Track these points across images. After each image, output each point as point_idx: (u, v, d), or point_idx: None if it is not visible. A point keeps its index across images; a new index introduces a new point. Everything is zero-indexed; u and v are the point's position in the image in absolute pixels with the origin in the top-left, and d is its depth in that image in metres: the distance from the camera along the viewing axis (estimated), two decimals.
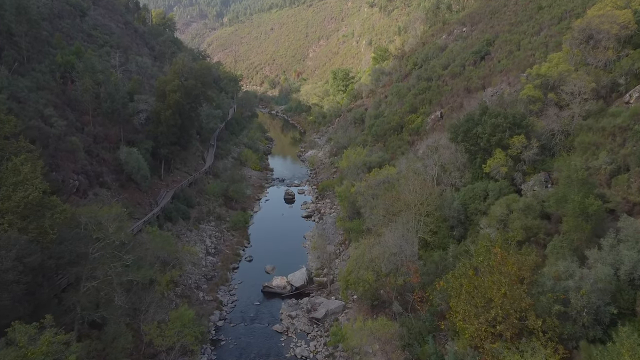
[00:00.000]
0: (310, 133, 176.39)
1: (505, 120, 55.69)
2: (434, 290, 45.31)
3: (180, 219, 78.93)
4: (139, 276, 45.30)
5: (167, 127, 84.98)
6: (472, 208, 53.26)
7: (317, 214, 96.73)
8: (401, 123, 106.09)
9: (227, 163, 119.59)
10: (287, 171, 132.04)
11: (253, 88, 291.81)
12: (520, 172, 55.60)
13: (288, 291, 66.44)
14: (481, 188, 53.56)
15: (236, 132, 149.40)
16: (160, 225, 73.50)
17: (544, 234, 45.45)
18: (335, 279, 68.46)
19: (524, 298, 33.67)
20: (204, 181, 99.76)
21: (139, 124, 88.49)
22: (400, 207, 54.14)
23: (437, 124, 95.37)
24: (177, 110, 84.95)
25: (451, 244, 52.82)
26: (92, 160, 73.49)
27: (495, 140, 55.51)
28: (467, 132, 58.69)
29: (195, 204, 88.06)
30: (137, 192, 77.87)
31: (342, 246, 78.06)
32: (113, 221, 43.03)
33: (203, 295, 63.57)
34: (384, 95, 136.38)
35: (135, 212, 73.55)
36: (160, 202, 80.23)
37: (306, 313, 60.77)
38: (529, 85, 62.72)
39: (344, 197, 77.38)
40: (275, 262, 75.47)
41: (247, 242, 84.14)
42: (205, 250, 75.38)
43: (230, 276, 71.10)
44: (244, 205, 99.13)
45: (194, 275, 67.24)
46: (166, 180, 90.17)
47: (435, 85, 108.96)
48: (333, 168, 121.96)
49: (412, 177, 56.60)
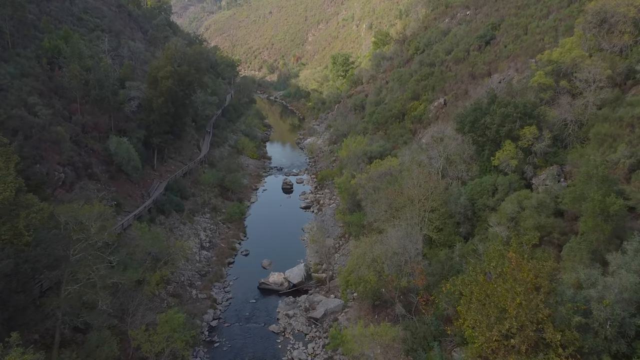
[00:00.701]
0: (309, 120, 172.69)
1: (515, 110, 52.33)
2: (440, 293, 42.39)
3: (173, 211, 75.87)
4: (125, 278, 42.27)
5: (160, 115, 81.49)
6: (480, 203, 50.19)
7: (316, 205, 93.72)
8: (403, 110, 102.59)
9: (223, 151, 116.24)
10: (286, 159, 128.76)
11: (251, 73, 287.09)
12: (530, 165, 52.43)
13: (285, 288, 63.64)
14: (489, 182, 50.42)
15: (233, 119, 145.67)
16: (152, 218, 70.50)
17: (558, 234, 42.42)
18: (335, 275, 65.63)
19: (542, 309, 30.70)
20: (199, 171, 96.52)
21: (130, 112, 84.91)
22: (403, 202, 51.04)
23: (440, 111, 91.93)
24: (169, 97, 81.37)
25: (457, 241, 49.85)
26: (80, 150, 70.15)
27: (505, 131, 52.22)
28: (475, 122, 55.36)
29: (189, 195, 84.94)
30: (128, 183, 74.66)
31: (342, 240, 75.14)
32: (95, 220, 39.92)
33: (196, 293, 60.74)
34: (385, 81, 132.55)
35: (125, 204, 70.49)
36: (152, 193, 77.09)
37: (304, 312, 58.02)
38: (540, 72, 59.24)
39: (344, 188, 74.30)
40: (272, 257, 72.61)
41: (243, 234, 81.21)
42: (200, 244, 72.47)
43: (225, 272, 68.25)
44: (240, 195, 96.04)
45: (187, 272, 64.36)
46: (159, 171, 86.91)
47: (439, 71, 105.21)
48: (332, 156, 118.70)
49: (416, 170, 53.38)
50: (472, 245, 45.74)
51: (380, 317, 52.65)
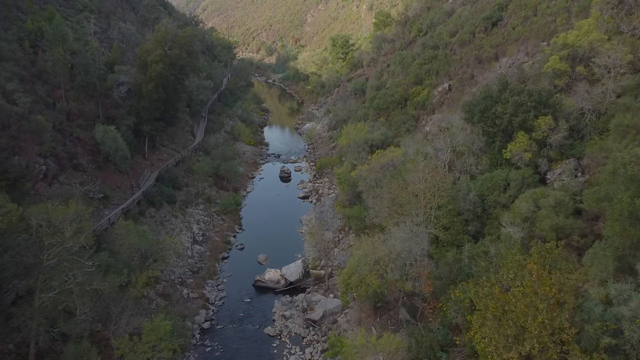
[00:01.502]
0: (308, 104, 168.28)
1: (529, 99, 48.40)
2: (449, 300, 38.98)
3: (164, 203, 72.20)
4: (106, 283, 38.76)
5: (150, 101, 77.36)
6: (491, 200, 46.55)
7: (315, 195, 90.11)
8: (405, 96, 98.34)
9: (219, 138, 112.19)
10: (284, 145, 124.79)
11: (249, 55, 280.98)
12: (545, 158, 48.70)
13: (282, 286, 60.36)
14: (501, 177, 46.71)
15: (230, 103, 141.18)
16: (142, 211, 66.90)
17: (578, 236, 38.87)
18: (334, 272, 62.32)
19: (566, 328, 27.27)
20: (193, 159, 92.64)
21: (119, 98, 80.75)
22: (407, 198, 47.38)
23: (445, 97, 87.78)
24: (160, 83, 77.14)
25: (466, 241, 46.32)
26: (64, 140, 66.27)
27: (518, 122, 48.34)
28: (485, 112, 51.43)
29: (182, 185, 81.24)
30: (117, 174, 70.91)
31: (342, 233, 71.69)
32: (71, 222, 36.25)
33: (188, 292, 57.43)
34: (386, 64, 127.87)
35: (114, 196, 66.87)
36: (142, 184, 73.38)
37: (301, 313, 54.79)
38: (554, 57, 55.11)
39: (343, 179, 70.60)
40: (268, 251, 69.22)
41: (238, 227, 77.71)
42: (192, 238, 68.97)
43: (218, 268, 64.88)
44: (236, 185, 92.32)
45: (179, 269, 60.98)
46: (151, 160, 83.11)
47: (443, 54, 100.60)
48: (332, 143, 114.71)
49: (421, 163, 49.64)
50: (483, 247, 42.20)
51: (382, 320, 49.47)
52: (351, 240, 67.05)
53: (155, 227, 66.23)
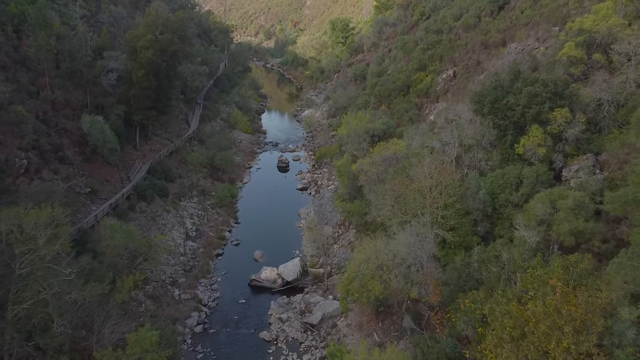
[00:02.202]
0: (307, 89, 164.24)
1: (544, 89, 44.85)
2: (458, 310, 35.94)
3: (156, 196, 68.91)
4: (86, 293, 35.66)
5: (140, 89, 73.61)
6: (502, 199, 43.29)
7: (314, 186, 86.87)
8: (408, 82, 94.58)
9: (214, 126, 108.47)
10: (282, 133, 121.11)
11: (247, 39, 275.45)
12: (560, 153, 45.31)
13: (278, 286, 57.41)
14: (513, 174, 43.38)
15: (226, 89, 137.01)
16: (132, 206, 63.68)
17: (599, 241, 35.69)
18: (333, 271, 59.36)
19: (595, 355, 24.21)
20: (187, 149, 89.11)
21: (109, 86, 77.05)
22: (412, 197, 44.14)
23: (449, 84, 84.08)
24: (151, 70, 73.30)
25: (475, 243, 43.19)
26: (49, 131, 62.78)
27: (532, 114, 44.87)
28: (495, 103, 47.91)
29: (175, 177, 77.88)
30: (106, 166, 67.47)
31: (342, 228, 68.60)
32: (45, 228, 33.01)
33: (179, 293, 54.46)
34: (388, 49, 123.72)
35: (102, 190, 63.53)
36: (133, 177, 70.03)
37: (299, 316, 51.89)
38: (570, 43, 51.44)
39: (343, 172, 67.28)
40: (265, 247, 66.17)
41: (234, 221, 74.54)
42: (185, 233, 65.81)
43: (212, 266, 61.85)
44: (232, 175, 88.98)
45: (170, 267, 57.94)
46: (142, 150, 79.57)
47: (447, 39, 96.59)
48: (331, 131, 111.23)
49: (427, 158, 46.33)
50: (494, 251, 39.09)
51: (384, 325, 46.57)
52: (351, 236, 64.02)
53: (145, 223, 63.11)
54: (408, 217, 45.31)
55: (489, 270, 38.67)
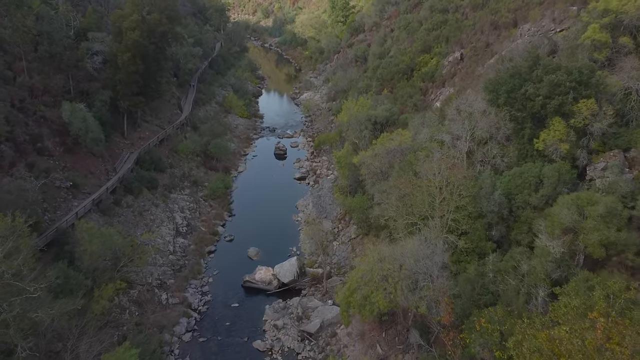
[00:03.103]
0: (306, 70, 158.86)
1: (568, 77, 40.25)
2: (473, 330, 31.98)
3: (144, 189, 64.60)
4: (55, 311, 31.66)
5: (127, 74, 68.75)
6: (520, 200, 39.05)
7: (312, 176, 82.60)
8: (411, 65, 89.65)
9: (209, 110, 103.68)
10: (279, 117, 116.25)
11: (244, 18, 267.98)
12: (584, 149, 40.94)
13: (274, 288, 53.58)
14: (532, 173, 39.06)
15: (222, 71, 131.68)
16: (118, 201, 59.45)
17: (633, 253, 31.60)
18: (333, 271, 55.49)
19: None
20: (179, 136, 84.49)
21: (93, 70, 72.24)
22: (420, 198, 39.91)
23: (456, 68, 79.20)
24: (137, 53, 68.35)
25: (489, 249, 39.10)
26: (27, 120, 58.40)
27: (554, 106, 40.36)
28: (512, 92, 43.32)
29: (166, 167, 73.49)
30: (89, 157, 63.08)
31: (342, 223, 64.55)
32: (3, 241, 28.83)
33: (167, 297, 50.59)
34: (390, 29, 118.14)
35: (85, 184, 59.25)
36: (119, 168, 65.69)
37: (296, 322, 48.12)
38: (594, 25, 46.66)
39: (344, 164, 62.91)
40: (260, 244, 62.18)
41: (228, 214, 70.43)
42: (175, 229, 61.72)
43: (204, 265, 57.94)
44: (226, 164, 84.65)
45: (158, 268, 53.98)
46: (131, 138, 75.04)
47: (453, 18, 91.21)
48: (331, 115, 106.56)
49: (437, 153, 42.00)
50: (512, 260, 35.02)
51: (389, 336, 42.82)
52: (352, 232, 59.98)
53: (132, 219, 58.99)
54: (415, 219, 41.15)
55: (506, 282, 34.69)
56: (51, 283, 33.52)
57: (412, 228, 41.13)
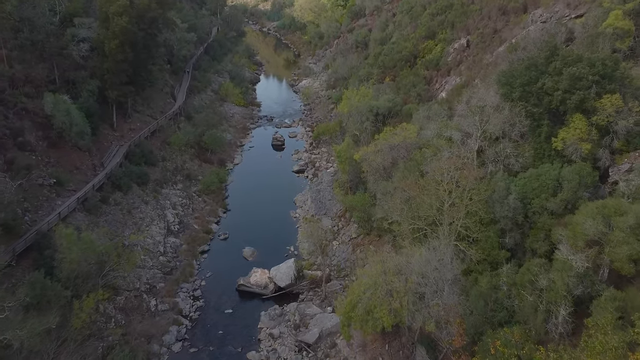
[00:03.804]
0: (305, 56, 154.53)
1: (590, 70, 36.73)
2: (487, 353, 28.98)
3: (134, 185, 61.29)
4: (25, 332, 28.58)
5: (115, 63, 65.03)
6: (536, 205, 35.80)
7: (311, 168, 79.25)
8: (415, 52, 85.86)
9: (204, 99, 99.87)
10: (277, 105, 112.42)
11: (242, 1, 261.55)
12: (607, 149, 37.57)
13: (270, 292, 50.61)
14: (551, 176, 35.74)
15: (218, 57, 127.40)
16: (105, 198, 56.22)
17: None
18: (332, 274, 52.51)
19: None
20: (172, 127, 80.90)
21: (80, 58, 68.26)
22: (429, 203, 36.66)
23: (462, 55, 75.43)
24: (126, 40, 64.53)
25: (503, 258, 35.98)
26: (7, 112, 54.97)
27: (575, 101, 36.90)
28: (528, 86, 39.79)
29: (157, 160, 70.13)
30: (75, 152, 59.64)
31: (342, 220, 61.41)
32: None
33: (156, 304, 47.55)
34: (392, 13, 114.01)
35: (71, 181, 55.99)
36: (107, 163, 62.33)
37: (293, 331, 45.22)
38: (616, 12, 43.03)
39: (344, 159, 59.57)
40: (256, 243, 59.09)
41: (222, 210, 67.24)
42: (166, 228, 58.51)
43: (196, 266, 54.90)
44: (221, 156, 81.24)
45: (147, 271, 50.92)
46: (121, 130, 71.51)
47: (459, 3, 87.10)
48: (330, 104, 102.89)
49: (445, 152, 38.66)
50: (529, 274, 31.87)
51: (392, 349, 39.89)
52: (353, 231, 56.85)
53: (120, 218, 55.78)
54: (421, 225, 37.96)
55: (522, 297, 31.61)
56: (21, 301, 30.31)
57: (419, 234, 37.94)
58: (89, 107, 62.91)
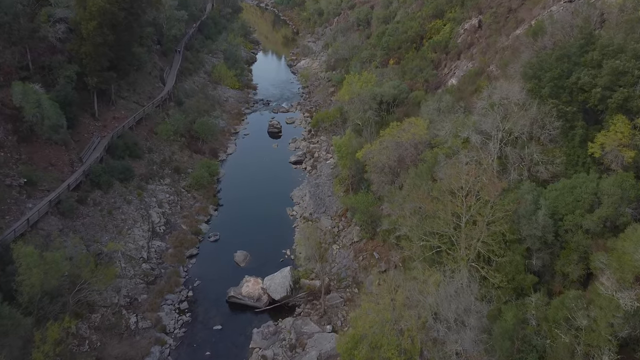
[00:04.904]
0: (304, 34, 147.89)
1: (637, 64, 31.20)
2: None
3: (115, 182, 56.11)
4: None
5: (94, 46, 59.25)
6: (569, 222, 30.74)
7: (310, 159, 73.97)
8: (421, 33, 79.93)
9: (196, 81, 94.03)
10: (274, 88, 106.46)
11: None
12: None
13: (263, 305, 45.92)
14: (588, 188, 30.56)
15: (212, 35, 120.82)
16: (82, 199, 51.20)
17: None
18: (332, 284, 47.77)
19: None
20: (161, 114, 75.28)
21: (57, 40, 62.44)
22: (445, 220, 31.57)
23: (473, 37, 69.50)
24: (105, 21, 58.73)
25: (529, 284, 31.08)
26: None
27: (617, 100, 31.49)
28: (560, 80, 34.27)
29: (143, 152, 64.84)
30: (50, 146, 54.26)
31: (342, 220, 56.44)
32: None
33: (137, 320, 42.81)
34: None
35: (44, 179, 50.91)
36: (87, 157, 57.05)
37: (288, 352, 40.62)
38: None
39: (345, 154, 54.35)
40: (249, 245, 54.21)
41: (213, 207, 62.18)
42: (150, 230, 53.47)
43: (183, 273, 50.04)
44: (214, 145, 75.93)
45: (127, 281, 46.09)
46: (104, 119, 65.98)
47: None
48: (330, 86, 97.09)
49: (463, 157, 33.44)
50: (563, 309, 26.96)
51: None
52: (355, 235, 51.92)
53: (100, 220, 50.78)
54: (435, 242, 32.94)
55: (555, 336, 26.78)
56: None
57: (431, 253, 32.95)
58: (66, 95, 57.44)
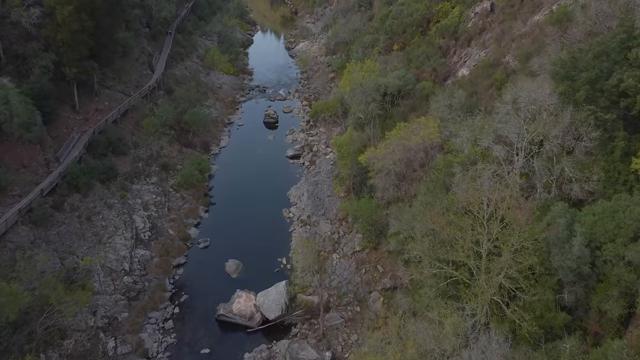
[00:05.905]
0: (303, 14, 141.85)
1: None
2: None
3: (96, 183, 51.51)
4: None
5: (70, 33, 54.06)
6: (610, 253, 26.23)
7: (308, 153, 69.15)
8: (428, 16, 74.31)
9: (188, 67, 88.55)
10: (271, 73, 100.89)
11: None
12: None
13: (256, 324, 41.75)
14: (633, 213, 25.96)
15: (206, 16, 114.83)
16: (58, 204, 46.75)
17: None
18: (332, 300, 43.55)
19: None
20: (149, 104, 70.20)
21: (32, 26, 57.11)
22: (461, 246, 27.09)
23: (485, 21, 64.19)
24: (82, 5, 53.48)
25: (560, 323, 26.70)
26: None
27: None
28: (598, 83, 29.36)
29: (129, 148, 60.08)
30: (21, 146, 49.45)
31: (343, 225, 51.98)
32: None
33: (115, 345, 38.70)
34: None
35: (16, 183, 46.41)
36: (64, 156, 52.32)
37: None
38: None
39: (346, 154, 49.61)
40: (242, 253, 49.86)
41: (204, 208, 57.65)
42: (134, 237, 49.03)
43: (168, 287, 45.71)
44: (206, 137, 71.10)
45: (106, 298, 41.86)
46: (85, 112, 61.06)
47: None
48: (330, 72, 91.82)
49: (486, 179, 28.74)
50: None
51: None
52: (356, 244, 47.48)
53: (77, 228, 46.31)
54: (449, 271, 28.49)
55: None
56: None
57: (445, 283, 28.52)
58: (42, 87, 52.66)
